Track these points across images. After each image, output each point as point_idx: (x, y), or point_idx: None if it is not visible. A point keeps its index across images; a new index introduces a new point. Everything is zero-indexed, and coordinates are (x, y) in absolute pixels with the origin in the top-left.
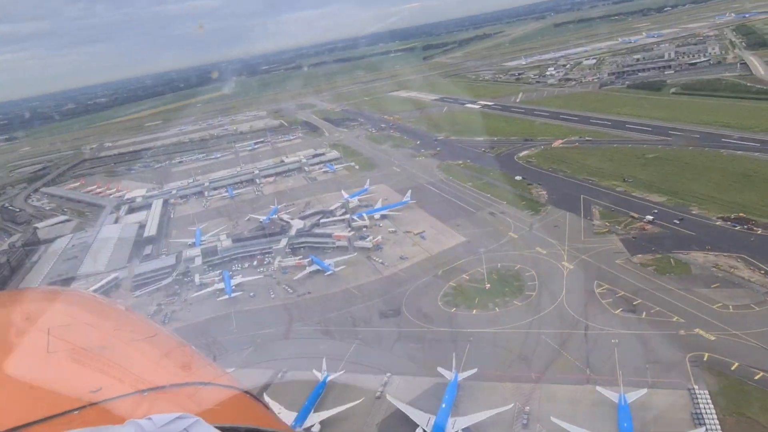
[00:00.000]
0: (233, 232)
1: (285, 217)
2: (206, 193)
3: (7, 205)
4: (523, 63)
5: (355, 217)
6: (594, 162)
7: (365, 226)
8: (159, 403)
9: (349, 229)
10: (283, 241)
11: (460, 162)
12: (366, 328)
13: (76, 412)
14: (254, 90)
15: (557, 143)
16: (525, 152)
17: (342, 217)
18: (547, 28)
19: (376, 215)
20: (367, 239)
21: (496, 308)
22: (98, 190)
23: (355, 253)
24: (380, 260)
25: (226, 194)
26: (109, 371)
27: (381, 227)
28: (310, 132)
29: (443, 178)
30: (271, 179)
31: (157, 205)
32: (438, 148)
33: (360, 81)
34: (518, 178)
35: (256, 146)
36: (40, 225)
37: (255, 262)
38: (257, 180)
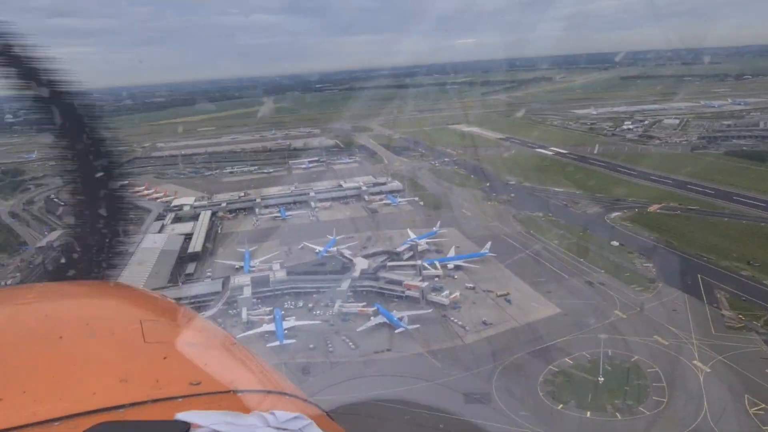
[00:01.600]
0: (286, 260)
1: (346, 252)
2: (257, 211)
3: (53, 196)
4: (594, 113)
5: (426, 264)
6: (705, 236)
7: (437, 276)
8: (254, 406)
9: (421, 277)
10: (346, 283)
11: (541, 214)
12: (449, 416)
13: (180, 399)
14: (308, 107)
15: (654, 208)
16: (617, 213)
17: (411, 263)
18: (613, 79)
19: (450, 264)
20: (443, 294)
21: (617, 413)
22: (145, 192)
23: (430, 309)
24: (459, 322)
25: (278, 214)
26: (202, 369)
27: (456, 280)
28: (368, 157)
29: (522, 231)
30: (327, 204)
31: (204, 216)
32: (512, 194)
33: (417, 109)
34: (615, 243)
35: (310, 165)
36: None
37: (311, 303)
38: (312, 203)
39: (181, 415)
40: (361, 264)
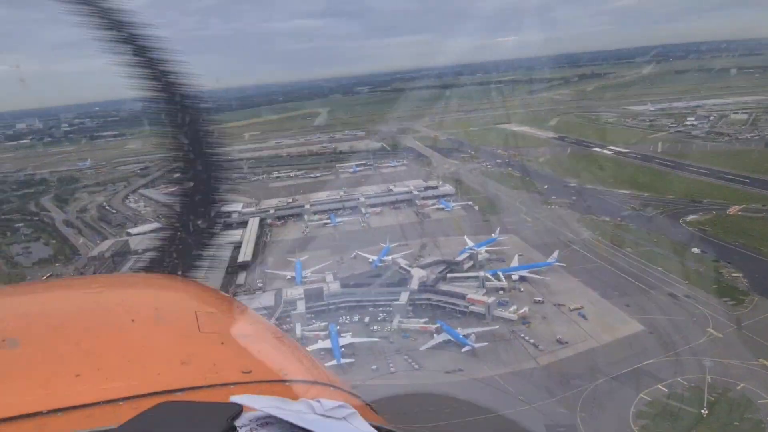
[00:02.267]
0: (339, 270)
1: (402, 262)
2: (306, 217)
3: (104, 204)
4: (651, 109)
5: (488, 275)
6: None
7: (502, 288)
8: (301, 394)
9: (484, 290)
10: (404, 296)
11: (608, 219)
12: (492, 413)
13: (232, 386)
14: (352, 109)
15: (734, 210)
16: (692, 217)
17: (473, 274)
18: (667, 73)
19: (514, 275)
20: (511, 308)
21: None
22: None
23: (497, 326)
24: (531, 340)
25: (328, 221)
26: (254, 358)
27: (522, 293)
28: (416, 159)
29: (590, 237)
30: (377, 209)
31: (253, 224)
32: (573, 197)
33: (461, 110)
34: (696, 250)
35: (357, 169)
36: (132, 231)
37: (368, 318)
38: (362, 209)
39: (235, 398)
40: (419, 275)
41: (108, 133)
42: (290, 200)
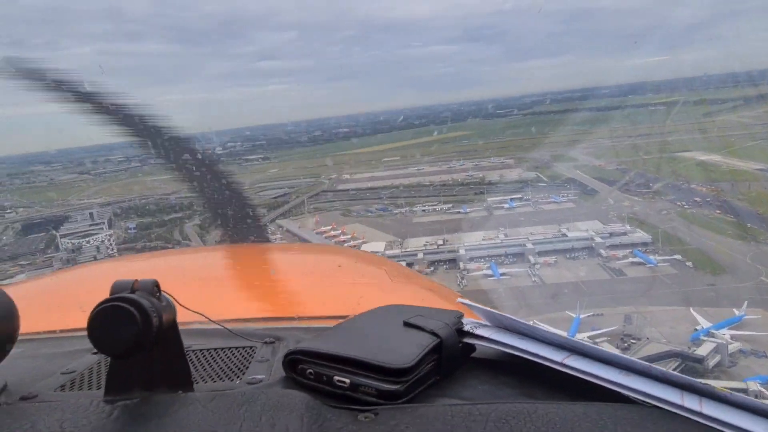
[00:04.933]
0: None
1: (606, 346)
2: (461, 265)
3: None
4: None
5: (759, 385)
6: None
7: None
8: None
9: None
10: None
11: None
12: None
13: None
14: (494, 134)
15: None
16: None
17: (736, 385)
18: None
19: None
20: None
21: None
22: (332, 233)
23: None
24: None
25: (489, 271)
26: (414, 293)
27: None
28: (583, 194)
29: None
30: (550, 260)
31: None
32: None
33: (622, 135)
34: None
35: (513, 204)
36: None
37: None
38: (530, 257)
39: (460, 300)
40: None
41: (254, 157)
42: (440, 241)
